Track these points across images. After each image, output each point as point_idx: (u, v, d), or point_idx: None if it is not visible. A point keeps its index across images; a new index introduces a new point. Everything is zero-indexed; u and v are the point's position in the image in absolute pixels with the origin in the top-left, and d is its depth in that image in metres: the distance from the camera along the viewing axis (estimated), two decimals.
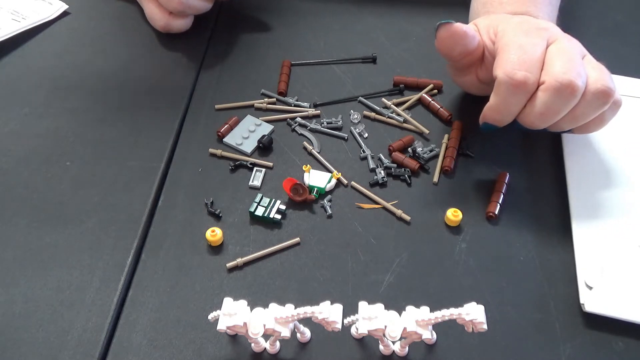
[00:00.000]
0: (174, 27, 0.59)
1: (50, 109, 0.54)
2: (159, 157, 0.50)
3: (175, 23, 0.58)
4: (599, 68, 0.44)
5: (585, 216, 0.46)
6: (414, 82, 0.57)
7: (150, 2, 0.59)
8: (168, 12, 0.58)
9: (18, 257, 0.44)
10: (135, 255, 0.44)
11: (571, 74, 0.41)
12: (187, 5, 0.56)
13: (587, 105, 0.43)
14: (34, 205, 0.47)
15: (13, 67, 0.58)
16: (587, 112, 0.43)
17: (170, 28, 0.59)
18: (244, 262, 0.44)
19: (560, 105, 0.42)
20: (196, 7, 0.57)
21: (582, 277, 0.42)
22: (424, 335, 0.36)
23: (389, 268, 0.44)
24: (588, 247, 0.44)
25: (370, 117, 0.54)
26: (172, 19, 0.58)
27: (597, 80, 0.42)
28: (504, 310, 0.42)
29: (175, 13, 0.58)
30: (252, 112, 0.55)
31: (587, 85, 0.42)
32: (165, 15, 0.58)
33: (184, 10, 0.57)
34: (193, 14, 0.59)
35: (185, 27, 0.59)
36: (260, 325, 0.35)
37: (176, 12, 0.57)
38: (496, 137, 0.53)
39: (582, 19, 0.65)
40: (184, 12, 0.58)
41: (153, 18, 0.59)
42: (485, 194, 0.48)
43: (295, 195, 0.47)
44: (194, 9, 0.57)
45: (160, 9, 0.58)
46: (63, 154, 0.51)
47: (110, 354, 0.39)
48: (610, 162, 0.50)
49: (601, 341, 0.40)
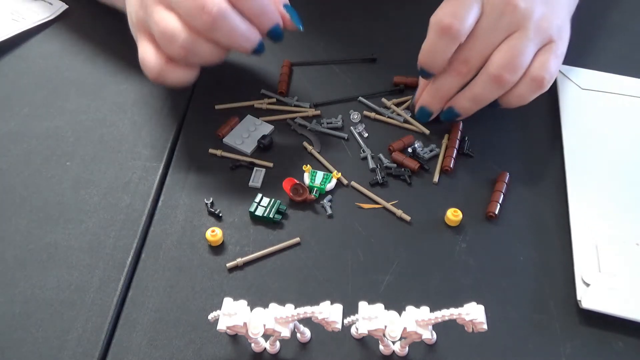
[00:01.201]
0: (170, 79, 0.45)
1: (50, 109, 0.54)
2: (159, 157, 0.50)
3: (172, 73, 0.45)
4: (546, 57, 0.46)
5: (584, 213, 0.46)
6: (414, 82, 0.57)
7: (147, 40, 0.45)
8: (165, 57, 0.44)
9: (18, 257, 0.44)
10: (135, 255, 0.44)
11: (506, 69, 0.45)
12: (192, 52, 0.43)
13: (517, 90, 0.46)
14: (34, 205, 0.47)
15: (13, 67, 0.58)
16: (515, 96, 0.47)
17: (165, 79, 0.45)
18: (244, 262, 0.44)
19: (490, 93, 0.46)
20: (203, 56, 0.44)
21: (579, 273, 0.42)
22: (424, 335, 0.36)
23: (389, 268, 0.44)
24: (586, 244, 0.44)
25: (370, 117, 0.54)
26: (169, 67, 0.44)
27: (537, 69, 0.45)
28: (504, 310, 0.42)
29: (174, 59, 0.44)
30: (252, 112, 0.55)
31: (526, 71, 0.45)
32: (161, 60, 0.44)
33: (187, 57, 0.43)
34: (199, 64, 0.46)
35: (184, 79, 0.46)
36: (260, 325, 0.35)
37: (176, 59, 0.44)
38: (496, 137, 0.53)
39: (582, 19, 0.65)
40: (187, 60, 0.44)
41: (145, 61, 0.45)
42: (485, 194, 0.48)
43: (295, 195, 0.47)
44: (200, 57, 0.44)
45: (157, 50, 0.44)
46: (63, 154, 0.51)
47: (110, 354, 0.39)
48: (609, 161, 0.50)
49: (601, 341, 0.40)
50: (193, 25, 0.42)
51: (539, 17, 0.45)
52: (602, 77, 0.57)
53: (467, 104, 0.48)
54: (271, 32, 0.46)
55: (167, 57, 0.44)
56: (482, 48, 0.45)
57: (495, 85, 0.45)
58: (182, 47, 0.42)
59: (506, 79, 0.45)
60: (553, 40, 0.46)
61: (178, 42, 0.42)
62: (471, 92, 0.47)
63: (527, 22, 0.44)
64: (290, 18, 0.47)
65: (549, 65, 0.45)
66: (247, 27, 0.44)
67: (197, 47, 0.43)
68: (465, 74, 0.47)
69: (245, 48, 0.45)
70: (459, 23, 0.44)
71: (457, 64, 0.46)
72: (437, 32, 0.45)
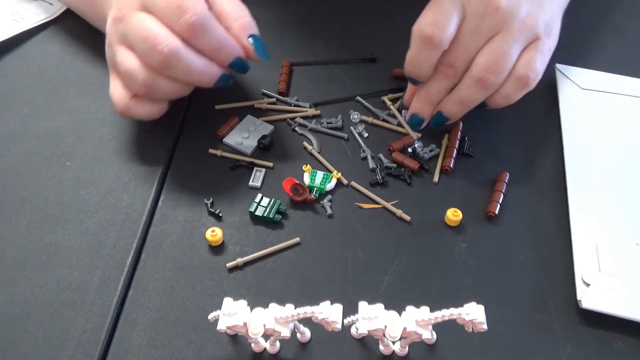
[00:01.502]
0: (136, 113, 0.46)
1: (50, 109, 0.54)
2: (159, 157, 0.50)
3: (138, 108, 0.46)
4: (531, 55, 0.46)
5: (584, 213, 0.46)
6: None
7: (115, 77, 0.47)
8: (131, 93, 0.46)
9: (18, 257, 0.44)
10: (135, 255, 0.44)
11: (490, 71, 0.45)
12: (152, 89, 0.44)
13: (503, 90, 0.46)
14: (34, 205, 0.47)
15: (13, 67, 0.58)
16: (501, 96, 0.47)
17: (132, 113, 0.46)
18: (244, 262, 0.44)
19: (475, 96, 0.46)
20: (165, 92, 0.45)
21: (579, 273, 0.42)
22: (424, 335, 0.36)
23: (389, 268, 0.44)
24: (586, 244, 0.44)
25: (368, 122, 0.54)
26: (134, 103, 0.46)
27: (522, 68, 0.45)
28: (504, 310, 0.42)
29: (139, 95, 0.46)
30: (252, 112, 0.55)
31: (511, 71, 0.45)
32: (127, 96, 0.46)
33: (149, 93, 0.45)
34: (163, 99, 0.47)
35: (152, 114, 0.47)
36: (260, 325, 0.35)
37: (140, 95, 0.46)
38: (496, 137, 0.53)
39: (582, 19, 0.65)
40: (150, 96, 0.46)
41: (113, 97, 0.47)
42: (485, 194, 0.48)
43: (295, 195, 0.47)
44: (163, 93, 0.45)
45: (123, 87, 0.46)
46: (63, 154, 0.51)
47: (110, 354, 0.39)
48: (609, 161, 0.50)
49: (601, 340, 0.40)
50: (149, 64, 0.43)
51: (523, 16, 0.45)
52: (602, 77, 0.57)
53: (455, 108, 0.48)
54: (233, 65, 0.45)
55: (133, 93, 0.46)
56: (467, 51, 0.45)
57: (480, 88, 0.45)
58: (142, 85, 0.44)
59: (490, 81, 0.45)
60: (539, 38, 0.46)
61: (137, 80, 0.44)
62: (458, 95, 0.47)
63: (510, 22, 0.44)
64: (255, 50, 0.46)
65: (534, 63, 0.45)
66: (204, 63, 0.44)
67: (157, 84, 0.44)
68: (452, 77, 0.46)
69: (205, 83, 0.45)
70: (441, 32, 0.44)
71: (443, 67, 0.46)
72: (420, 42, 0.45)
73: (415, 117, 0.50)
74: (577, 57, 0.59)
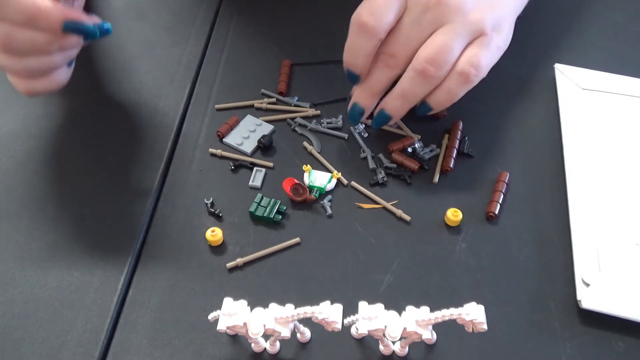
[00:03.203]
0: (40, 90, 0.45)
1: (50, 109, 0.54)
2: (159, 157, 0.50)
3: (39, 85, 0.45)
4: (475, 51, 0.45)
5: (584, 213, 0.46)
6: None
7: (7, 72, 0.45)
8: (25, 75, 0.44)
9: (18, 257, 0.44)
10: (135, 255, 0.44)
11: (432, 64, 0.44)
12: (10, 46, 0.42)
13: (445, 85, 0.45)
14: (34, 205, 0.47)
15: None
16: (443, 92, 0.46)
17: (37, 92, 0.45)
18: (244, 262, 0.44)
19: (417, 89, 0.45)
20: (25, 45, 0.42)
21: (579, 273, 0.42)
22: (424, 335, 0.36)
23: (389, 268, 0.44)
24: (586, 244, 0.44)
25: (367, 124, 0.54)
26: (32, 82, 0.45)
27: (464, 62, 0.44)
28: (504, 310, 0.42)
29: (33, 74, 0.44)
30: (252, 112, 0.55)
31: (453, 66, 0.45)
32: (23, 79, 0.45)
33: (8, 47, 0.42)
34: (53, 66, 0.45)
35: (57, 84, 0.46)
36: (260, 325, 0.35)
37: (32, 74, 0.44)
38: (496, 137, 0.53)
39: (582, 19, 0.65)
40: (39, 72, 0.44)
41: (15, 87, 0.46)
42: (485, 194, 0.48)
43: (295, 195, 0.47)
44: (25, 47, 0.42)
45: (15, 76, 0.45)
46: (63, 154, 0.51)
47: (110, 354, 0.39)
48: (609, 161, 0.50)
49: (601, 341, 0.40)
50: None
51: (468, 10, 0.44)
52: (602, 77, 0.57)
53: (397, 103, 0.47)
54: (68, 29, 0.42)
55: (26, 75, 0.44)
56: (408, 42, 0.45)
57: (422, 80, 0.45)
58: None
59: (431, 73, 0.44)
60: (485, 34, 0.45)
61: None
62: (399, 88, 0.46)
63: (454, 16, 0.44)
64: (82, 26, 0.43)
65: (477, 59, 0.45)
66: None
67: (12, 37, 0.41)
68: (393, 67, 0.46)
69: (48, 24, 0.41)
70: (376, 20, 0.43)
71: (384, 57, 0.46)
72: (356, 29, 0.45)
73: (355, 107, 0.49)
74: (577, 57, 0.59)
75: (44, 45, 0.42)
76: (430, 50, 0.44)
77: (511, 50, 0.48)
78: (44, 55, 0.44)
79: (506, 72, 0.58)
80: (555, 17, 0.65)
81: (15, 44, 0.42)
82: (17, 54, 0.43)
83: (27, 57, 0.43)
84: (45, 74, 0.45)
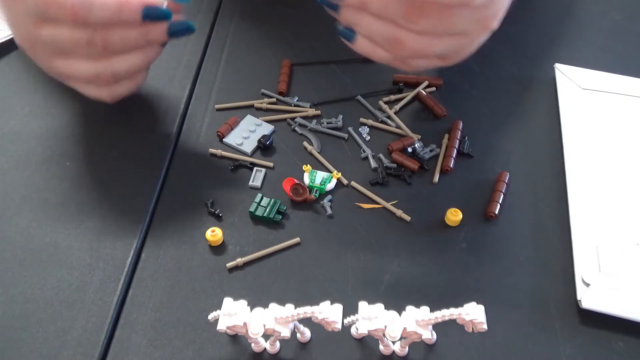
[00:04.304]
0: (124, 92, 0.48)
1: (50, 109, 0.54)
2: (159, 157, 0.50)
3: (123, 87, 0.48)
4: None
5: (584, 213, 0.46)
6: (413, 81, 0.57)
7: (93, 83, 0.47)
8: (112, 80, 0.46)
9: (18, 257, 0.44)
10: (135, 255, 0.44)
11: None
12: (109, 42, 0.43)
13: None
14: (34, 205, 0.47)
15: (13, 67, 0.58)
16: None
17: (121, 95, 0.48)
18: (244, 262, 0.44)
19: None
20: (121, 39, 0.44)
21: (579, 273, 0.42)
22: (424, 335, 0.36)
23: (389, 268, 0.44)
24: (586, 244, 0.44)
25: (367, 124, 0.54)
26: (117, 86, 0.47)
27: None
28: (504, 310, 0.42)
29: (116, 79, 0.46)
30: (252, 112, 0.55)
31: None
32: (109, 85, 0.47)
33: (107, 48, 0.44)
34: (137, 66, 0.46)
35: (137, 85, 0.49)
36: (260, 325, 0.35)
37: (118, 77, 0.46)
38: (496, 137, 0.53)
39: (582, 19, 0.65)
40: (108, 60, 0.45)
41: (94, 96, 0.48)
42: (485, 193, 0.48)
43: (295, 195, 0.47)
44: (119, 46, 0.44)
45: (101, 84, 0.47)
46: (63, 154, 0.51)
47: (110, 354, 0.39)
48: (609, 161, 0.50)
49: (601, 340, 0.40)
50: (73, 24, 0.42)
51: None
52: (602, 77, 0.57)
53: None
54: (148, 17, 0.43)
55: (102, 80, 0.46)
56: None
57: None
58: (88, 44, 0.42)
59: None
60: None
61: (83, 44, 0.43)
62: None
63: None
64: None
65: None
66: None
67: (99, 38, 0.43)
68: None
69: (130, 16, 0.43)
70: None
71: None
72: None
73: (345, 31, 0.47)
74: (577, 57, 0.59)
75: (135, 39, 0.44)
76: None
77: (511, 50, 0.48)
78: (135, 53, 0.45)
79: (506, 72, 0.58)
80: (555, 17, 0.65)
81: (111, 45, 0.43)
82: (108, 56, 0.44)
83: (116, 59, 0.45)
84: (131, 75, 0.47)
